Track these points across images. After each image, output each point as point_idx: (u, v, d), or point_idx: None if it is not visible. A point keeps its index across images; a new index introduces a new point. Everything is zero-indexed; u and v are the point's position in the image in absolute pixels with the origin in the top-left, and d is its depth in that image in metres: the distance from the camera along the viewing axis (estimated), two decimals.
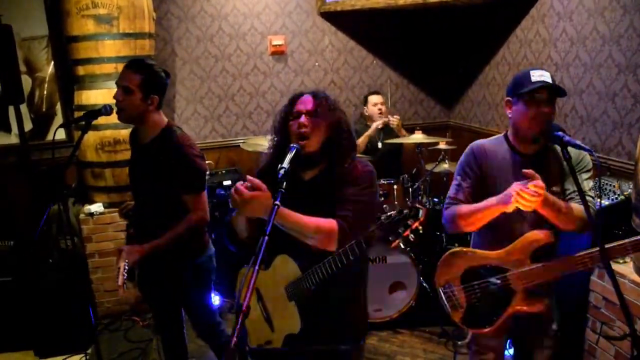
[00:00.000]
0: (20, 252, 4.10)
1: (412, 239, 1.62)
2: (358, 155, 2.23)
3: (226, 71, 5.21)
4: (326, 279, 1.92)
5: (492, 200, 2.13)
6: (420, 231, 1.65)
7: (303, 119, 2.02)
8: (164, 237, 2.61)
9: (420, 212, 1.62)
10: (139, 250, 2.59)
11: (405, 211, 1.63)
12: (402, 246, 3.88)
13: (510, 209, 2.06)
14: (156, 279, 2.82)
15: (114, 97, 2.58)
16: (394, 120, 4.60)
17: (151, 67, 2.61)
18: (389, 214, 1.65)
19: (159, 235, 2.61)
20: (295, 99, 2.12)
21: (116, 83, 2.60)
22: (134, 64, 2.60)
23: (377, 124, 4.59)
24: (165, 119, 2.73)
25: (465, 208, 2.23)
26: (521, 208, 2.01)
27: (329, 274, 1.90)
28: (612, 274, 1.74)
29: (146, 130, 2.68)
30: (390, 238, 1.65)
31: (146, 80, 2.56)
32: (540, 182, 1.96)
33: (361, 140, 4.54)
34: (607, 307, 2.87)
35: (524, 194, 1.95)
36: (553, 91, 2.09)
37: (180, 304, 2.94)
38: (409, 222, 1.61)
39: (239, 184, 1.83)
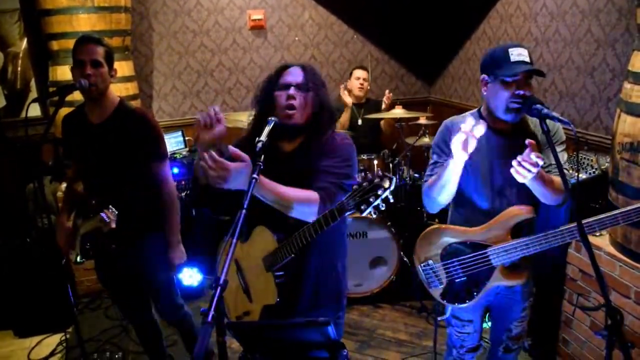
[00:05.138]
0: None
1: (382, 208, 1.63)
2: (343, 131, 2.21)
3: (204, 46, 5.13)
4: (301, 249, 1.92)
5: (448, 160, 2.09)
6: (391, 200, 1.63)
7: (292, 91, 2.00)
8: (171, 227, 2.72)
9: (391, 180, 1.61)
10: (179, 249, 2.75)
11: (376, 180, 1.62)
12: (374, 215, 3.89)
13: (464, 156, 2.00)
14: (119, 261, 2.78)
15: (85, 74, 2.48)
16: (389, 95, 4.60)
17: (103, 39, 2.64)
18: (360, 183, 1.64)
19: (125, 211, 2.59)
20: (282, 70, 2.08)
21: (81, 59, 2.51)
22: (91, 39, 2.57)
23: (345, 99, 4.59)
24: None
25: (432, 178, 2.23)
26: (518, 179, 1.99)
27: (303, 245, 1.90)
28: (589, 247, 1.75)
29: (103, 107, 2.62)
30: (362, 207, 1.64)
31: (108, 52, 2.57)
32: (538, 153, 1.95)
33: (345, 118, 4.51)
34: (583, 279, 2.93)
35: (526, 164, 1.93)
36: (532, 71, 2.08)
37: (144, 284, 2.89)
38: (379, 192, 1.60)
39: (210, 157, 1.73)
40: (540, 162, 1.93)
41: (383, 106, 4.60)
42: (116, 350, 3.66)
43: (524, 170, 1.94)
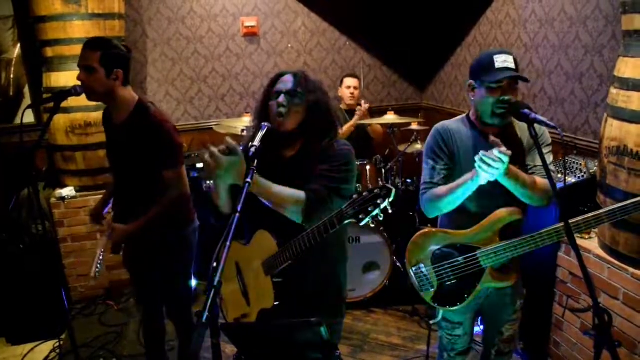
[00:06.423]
0: None
1: (381, 218, 1.64)
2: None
3: (198, 53, 5.15)
4: (300, 255, 1.95)
5: (466, 176, 2.14)
6: (390, 211, 1.68)
7: (282, 98, 2.04)
8: (146, 215, 2.60)
9: (390, 191, 1.64)
10: (124, 229, 2.60)
11: (376, 190, 1.65)
12: (372, 225, 3.91)
13: (483, 180, 2.06)
14: (141, 251, 2.79)
15: (78, 79, 2.55)
16: (364, 107, 4.57)
17: (109, 42, 2.62)
18: (361, 192, 1.68)
19: (139, 213, 2.61)
20: (276, 79, 2.14)
21: (78, 65, 2.57)
22: (90, 43, 2.59)
23: (357, 118, 4.54)
24: (136, 96, 2.72)
25: (442, 189, 2.24)
26: (484, 176, 2.03)
27: (302, 251, 1.92)
28: (576, 248, 1.78)
29: (119, 108, 2.66)
30: (360, 217, 1.67)
31: (105, 56, 2.55)
32: (504, 149, 1.98)
33: (345, 129, 4.48)
34: (573, 281, 2.96)
35: (487, 159, 1.97)
36: (516, 77, 2.13)
37: (161, 277, 2.86)
38: (379, 202, 1.64)
39: (214, 149, 1.83)
40: (505, 159, 1.96)
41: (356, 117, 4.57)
42: (110, 356, 3.65)
43: (484, 165, 1.97)
